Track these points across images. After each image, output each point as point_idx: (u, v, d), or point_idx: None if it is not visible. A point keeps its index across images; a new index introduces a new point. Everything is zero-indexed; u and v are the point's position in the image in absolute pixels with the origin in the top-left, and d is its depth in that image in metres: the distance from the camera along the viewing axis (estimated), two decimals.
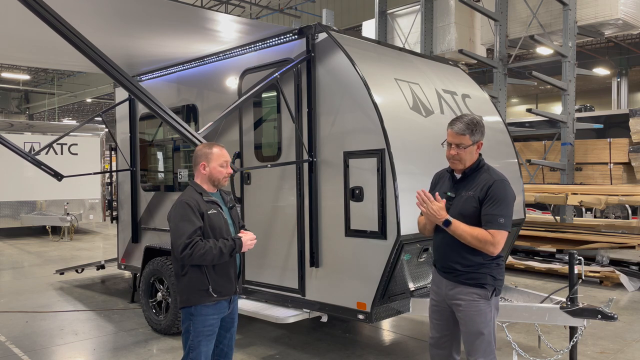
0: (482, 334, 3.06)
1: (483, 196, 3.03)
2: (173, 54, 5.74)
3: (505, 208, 3.01)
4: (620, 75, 23.12)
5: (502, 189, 3.03)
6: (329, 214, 4.53)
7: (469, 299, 3.08)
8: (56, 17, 3.59)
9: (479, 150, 3.16)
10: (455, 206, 3.13)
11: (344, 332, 5.81)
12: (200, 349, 3.24)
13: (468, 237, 3.00)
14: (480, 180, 3.09)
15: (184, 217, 3.14)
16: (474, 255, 3.06)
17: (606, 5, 10.17)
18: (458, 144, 3.12)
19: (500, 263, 3.14)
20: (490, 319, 3.10)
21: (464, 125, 3.11)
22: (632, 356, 5.08)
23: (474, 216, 3.05)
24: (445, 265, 3.19)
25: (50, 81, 32.41)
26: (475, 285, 3.08)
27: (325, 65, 4.57)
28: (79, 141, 14.69)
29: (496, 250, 2.99)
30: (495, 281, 3.10)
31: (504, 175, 3.13)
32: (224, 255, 3.14)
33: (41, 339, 5.69)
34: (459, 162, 3.16)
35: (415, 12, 12.53)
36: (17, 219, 14.26)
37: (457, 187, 3.19)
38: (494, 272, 3.09)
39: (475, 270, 3.07)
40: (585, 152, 12.38)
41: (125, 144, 6.88)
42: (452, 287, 3.16)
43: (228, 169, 3.40)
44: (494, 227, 2.97)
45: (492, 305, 3.11)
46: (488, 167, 3.18)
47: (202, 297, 3.21)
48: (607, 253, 8.46)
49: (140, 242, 6.64)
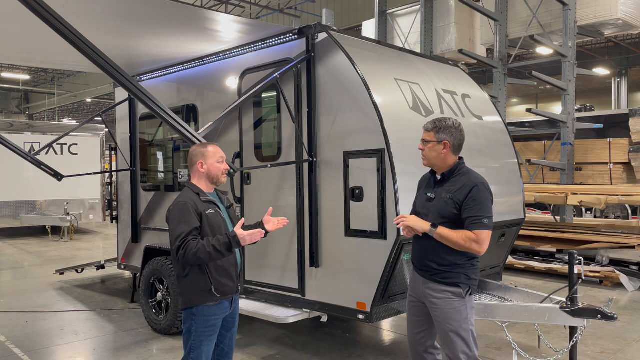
0: (458, 332, 3.14)
1: (463, 199, 3.12)
2: (173, 54, 5.74)
3: (486, 209, 3.11)
4: (620, 75, 23.11)
5: (482, 192, 3.13)
6: (329, 214, 4.53)
7: (444, 296, 3.17)
8: (56, 17, 3.58)
9: (446, 151, 3.22)
10: (435, 207, 3.23)
11: (344, 332, 5.81)
12: (201, 349, 3.23)
13: (454, 239, 3.09)
14: (459, 183, 3.18)
15: (181, 219, 3.13)
16: (450, 255, 3.16)
17: (606, 5, 10.17)
18: (423, 139, 3.29)
19: (475, 264, 3.23)
20: (466, 317, 3.17)
21: (431, 122, 3.28)
22: (632, 356, 5.08)
23: (453, 218, 3.15)
24: (422, 264, 3.29)
25: (50, 81, 32.42)
26: (449, 284, 3.17)
27: (325, 65, 4.57)
28: (79, 141, 14.69)
29: (482, 249, 3.08)
30: (470, 280, 3.20)
31: (483, 178, 3.22)
32: (219, 253, 3.07)
33: (41, 339, 5.70)
34: (424, 159, 3.31)
35: (415, 12, 12.53)
36: (17, 219, 14.26)
37: (437, 188, 3.28)
38: (468, 271, 3.19)
39: (451, 270, 3.17)
40: (585, 152, 12.38)
41: (125, 144, 6.88)
42: (428, 285, 3.25)
43: (225, 165, 3.39)
44: (479, 227, 3.07)
45: (467, 303, 3.18)
46: (468, 170, 3.27)
47: (205, 297, 3.20)
48: (607, 253, 8.46)
49: (140, 242, 6.64)
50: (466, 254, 3.16)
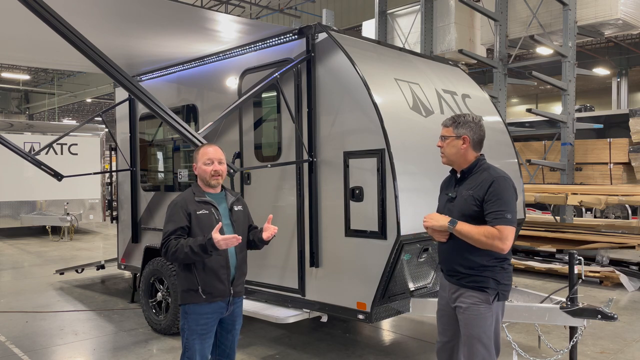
0: (481, 338, 3.00)
1: (483, 194, 2.98)
2: (173, 54, 5.74)
3: (509, 204, 2.95)
4: (620, 75, 23.11)
5: (503, 185, 2.98)
6: (329, 214, 4.53)
7: (470, 302, 3.03)
8: (56, 17, 3.58)
9: (465, 145, 3.12)
10: (457, 206, 3.11)
11: (344, 332, 5.81)
12: (194, 348, 3.25)
13: (475, 235, 2.93)
14: (480, 179, 3.05)
15: (169, 218, 3.26)
16: (475, 256, 3.00)
17: (606, 5, 10.17)
18: (442, 135, 3.21)
19: (505, 267, 3.05)
20: (491, 324, 3.03)
21: (450, 118, 3.22)
22: (632, 356, 5.08)
23: (475, 215, 3.00)
24: (449, 268, 3.17)
25: (50, 81, 32.42)
26: (476, 289, 3.02)
27: (325, 65, 4.57)
28: (79, 141, 14.70)
29: (505, 245, 2.89)
30: (499, 285, 3.02)
31: (505, 172, 3.09)
32: (196, 254, 3.07)
33: (41, 339, 5.70)
34: (443, 156, 3.22)
35: (415, 12, 12.53)
36: (17, 219, 14.26)
37: (458, 187, 3.17)
38: (497, 275, 3.01)
39: (478, 273, 3.01)
40: (585, 152, 12.39)
41: (125, 144, 6.88)
42: (454, 290, 3.13)
43: (214, 166, 3.34)
44: (501, 222, 2.89)
45: (493, 310, 3.03)
46: (488, 166, 3.14)
47: (193, 296, 3.27)
48: (607, 253, 8.46)
49: (140, 242, 6.64)
50: (494, 255, 2.98)
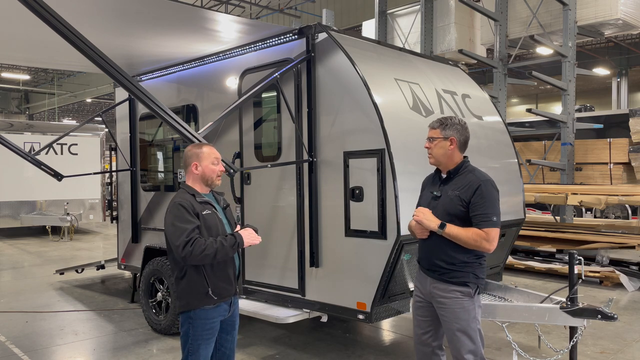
0: (466, 331, 3.14)
1: (470, 197, 3.13)
2: (173, 54, 5.74)
3: (494, 207, 3.13)
4: (620, 75, 23.12)
5: (489, 189, 3.15)
6: (329, 214, 4.53)
7: (453, 296, 3.17)
8: (56, 17, 3.58)
9: (453, 147, 3.25)
10: (441, 204, 3.23)
11: (344, 332, 5.81)
12: (199, 353, 3.19)
13: (464, 237, 3.09)
14: (466, 181, 3.19)
15: (180, 218, 3.08)
16: (457, 253, 3.15)
17: (606, 5, 10.17)
18: (430, 137, 3.32)
19: (482, 263, 3.24)
20: (474, 316, 3.17)
21: (437, 120, 3.32)
22: (632, 356, 5.08)
23: (460, 215, 3.15)
24: (429, 263, 3.28)
25: (50, 81, 32.42)
26: (458, 284, 3.17)
27: (325, 65, 4.57)
28: (79, 141, 14.69)
29: (492, 246, 3.08)
30: (478, 279, 3.20)
31: (488, 176, 3.23)
32: (226, 250, 3.06)
33: (41, 339, 5.70)
34: (431, 157, 3.33)
35: (415, 12, 12.53)
36: (17, 219, 14.26)
37: (443, 186, 3.29)
38: (476, 271, 3.19)
39: (460, 269, 3.16)
40: (585, 152, 12.39)
41: (125, 144, 6.88)
42: (435, 285, 3.24)
43: (220, 166, 3.34)
44: (488, 225, 3.08)
45: (475, 303, 3.19)
46: (473, 168, 3.28)
47: (202, 300, 3.15)
48: (607, 253, 8.46)
49: (140, 242, 6.64)
50: (474, 252, 3.16)
